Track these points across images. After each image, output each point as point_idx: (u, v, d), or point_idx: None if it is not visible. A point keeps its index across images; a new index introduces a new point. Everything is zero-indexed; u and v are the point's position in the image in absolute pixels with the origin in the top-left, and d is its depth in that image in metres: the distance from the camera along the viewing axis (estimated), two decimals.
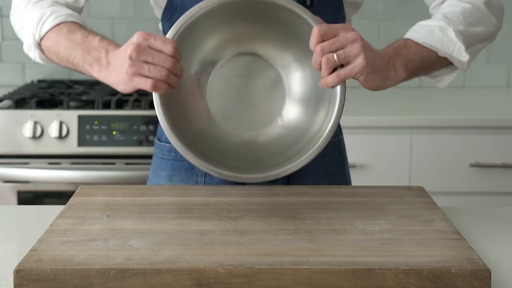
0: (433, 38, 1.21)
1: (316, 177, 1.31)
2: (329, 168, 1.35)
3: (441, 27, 1.22)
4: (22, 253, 1.02)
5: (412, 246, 0.94)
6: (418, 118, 2.28)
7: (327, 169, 1.34)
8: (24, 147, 2.22)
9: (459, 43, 1.22)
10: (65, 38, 1.18)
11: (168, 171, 1.34)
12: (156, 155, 1.39)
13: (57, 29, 1.20)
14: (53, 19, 1.21)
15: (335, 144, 1.37)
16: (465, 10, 1.26)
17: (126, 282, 0.86)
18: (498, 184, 2.29)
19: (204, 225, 1.02)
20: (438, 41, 1.21)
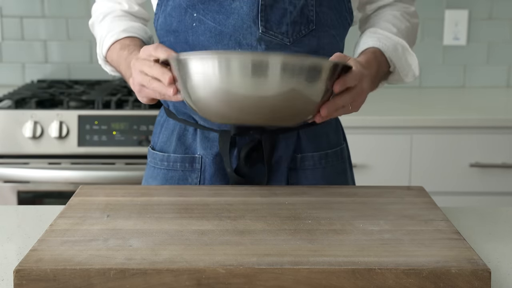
0: (396, 55, 1.27)
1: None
2: (330, 178, 1.34)
3: (403, 46, 1.29)
4: (22, 253, 1.02)
5: (412, 246, 0.94)
6: (418, 118, 2.29)
7: (327, 179, 1.33)
8: (24, 147, 2.23)
9: (412, 67, 1.30)
10: (117, 55, 1.29)
11: (160, 180, 1.34)
12: (149, 164, 1.39)
13: (113, 47, 1.30)
14: (109, 38, 1.31)
15: (337, 153, 1.36)
16: (407, 29, 1.33)
17: (126, 282, 0.86)
18: (498, 184, 2.29)
19: (204, 225, 1.02)
20: (399, 60, 1.28)
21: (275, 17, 1.21)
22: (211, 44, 1.22)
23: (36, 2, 2.76)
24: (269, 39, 1.21)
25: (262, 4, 1.20)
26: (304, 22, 1.22)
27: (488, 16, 2.73)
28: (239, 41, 1.21)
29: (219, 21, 1.21)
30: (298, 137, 1.30)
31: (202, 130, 1.29)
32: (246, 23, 1.20)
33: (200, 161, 1.30)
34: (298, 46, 1.23)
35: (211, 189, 1.20)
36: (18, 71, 2.81)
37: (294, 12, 1.21)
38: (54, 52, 2.81)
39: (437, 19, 2.74)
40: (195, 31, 1.23)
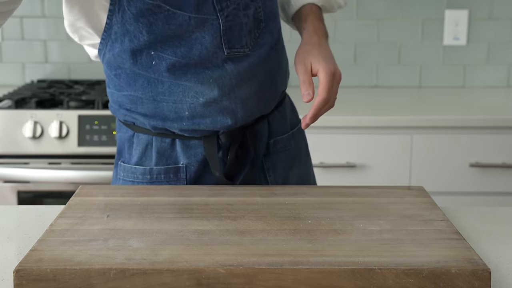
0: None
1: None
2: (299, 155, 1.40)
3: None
4: (22, 253, 1.02)
5: (412, 246, 0.94)
6: (418, 118, 2.28)
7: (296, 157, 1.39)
8: (24, 147, 2.22)
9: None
10: None
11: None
12: (124, 179, 1.32)
13: None
14: None
15: (300, 130, 1.43)
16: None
17: (126, 282, 0.86)
18: (498, 184, 2.29)
19: (204, 225, 1.02)
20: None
21: (235, 35, 1.21)
22: (179, 75, 1.20)
23: (36, 2, 2.75)
24: (233, 56, 1.22)
25: (223, 29, 1.19)
26: (256, 26, 1.24)
27: (488, 16, 2.73)
28: (205, 66, 1.20)
29: (181, 54, 1.18)
30: (269, 123, 1.34)
31: (182, 140, 1.27)
32: (211, 50, 1.19)
33: (184, 170, 1.28)
34: (257, 48, 1.25)
35: (211, 189, 1.20)
36: (18, 71, 2.81)
37: (248, 22, 1.23)
38: (54, 52, 2.81)
39: (437, 19, 2.74)
40: (157, 68, 1.19)
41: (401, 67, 2.77)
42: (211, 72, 1.20)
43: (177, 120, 1.24)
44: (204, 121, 1.23)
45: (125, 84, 1.24)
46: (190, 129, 1.25)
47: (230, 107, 1.23)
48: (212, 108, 1.23)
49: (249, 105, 1.25)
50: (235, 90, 1.23)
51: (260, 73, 1.26)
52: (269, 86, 1.29)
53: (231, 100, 1.23)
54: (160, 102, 1.22)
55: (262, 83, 1.27)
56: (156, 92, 1.22)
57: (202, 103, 1.22)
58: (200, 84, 1.21)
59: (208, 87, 1.21)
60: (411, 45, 2.76)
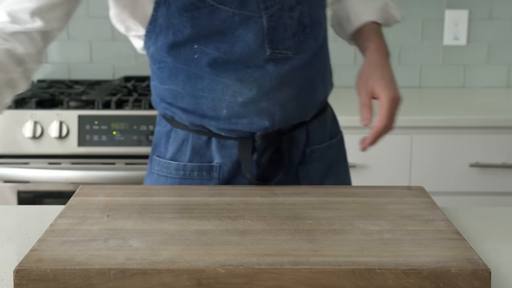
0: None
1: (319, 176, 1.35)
2: (334, 166, 1.38)
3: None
4: (22, 253, 1.02)
5: (412, 246, 0.94)
6: (418, 118, 2.28)
7: (333, 168, 1.36)
8: (24, 147, 2.22)
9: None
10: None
11: None
12: (157, 173, 1.33)
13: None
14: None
15: (339, 142, 1.41)
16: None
17: (126, 282, 0.86)
18: (498, 184, 2.28)
19: (204, 225, 1.02)
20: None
21: (278, 35, 1.21)
22: (219, 72, 1.21)
23: None
24: (275, 57, 1.22)
25: (267, 27, 1.20)
26: (301, 30, 1.24)
27: (488, 16, 2.73)
28: (246, 64, 1.21)
29: (223, 50, 1.19)
30: (307, 131, 1.32)
31: (218, 138, 1.27)
32: (253, 49, 1.20)
33: (218, 170, 1.28)
34: (300, 53, 1.24)
35: (211, 189, 1.20)
36: None
37: (293, 25, 1.22)
38: (54, 52, 2.80)
39: (437, 19, 2.74)
40: (198, 62, 1.21)
41: (401, 67, 2.77)
42: (251, 71, 1.21)
43: (214, 118, 1.24)
44: (241, 121, 1.23)
45: (167, 78, 1.25)
46: (227, 128, 1.25)
47: (268, 109, 1.23)
48: (250, 108, 1.22)
49: (288, 108, 1.24)
50: (274, 92, 1.22)
51: (301, 78, 1.25)
52: (309, 93, 1.28)
53: (270, 101, 1.23)
54: (199, 99, 1.23)
55: (302, 88, 1.26)
56: (196, 88, 1.23)
57: (241, 102, 1.22)
58: (240, 83, 1.21)
59: (247, 86, 1.21)
60: (411, 45, 2.76)
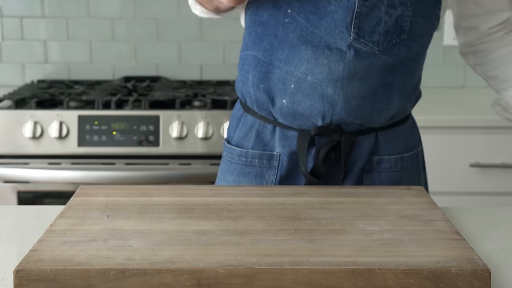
0: None
1: None
2: (404, 181, 1.34)
3: None
4: (22, 253, 1.02)
5: (412, 246, 0.94)
6: (418, 118, 2.28)
7: (401, 183, 1.33)
8: (24, 147, 2.23)
9: None
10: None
11: (237, 175, 1.34)
12: (224, 158, 1.39)
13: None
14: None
15: (413, 157, 1.37)
16: None
17: (126, 282, 0.86)
18: (498, 184, 2.29)
19: (204, 225, 1.02)
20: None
21: (368, 25, 1.20)
22: (300, 43, 1.23)
23: (36, 2, 2.76)
24: (359, 46, 1.21)
25: (357, 11, 1.20)
26: (397, 32, 1.22)
27: None
28: (328, 44, 1.21)
29: (312, 21, 1.21)
30: (376, 138, 1.30)
31: (281, 128, 1.30)
32: (338, 27, 1.20)
33: (278, 159, 1.30)
34: (387, 54, 1.23)
35: (211, 189, 1.20)
36: (18, 71, 2.81)
37: (389, 22, 1.21)
38: (54, 52, 2.81)
39: None
40: (286, 27, 1.23)
41: None
42: (329, 53, 1.21)
43: (280, 93, 1.26)
44: (304, 102, 1.24)
45: (252, 43, 1.29)
46: (289, 111, 1.26)
47: (333, 97, 1.23)
48: (315, 90, 1.23)
49: (352, 104, 1.24)
50: (344, 82, 1.22)
51: (377, 80, 1.24)
52: (381, 98, 1.26)
53: (336, 89, 1.23)
54: (274, 68, 1.26)
55: (375, 90, 1.25)
56: (275, 57, 1.25)
57: (309, 81, 1.23)
58: (314, 61, 1.22)
59: (320, 66, 1.22)
60: None
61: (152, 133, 2.22)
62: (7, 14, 2.77)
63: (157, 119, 2.23)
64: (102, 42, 2.79)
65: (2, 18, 2.77)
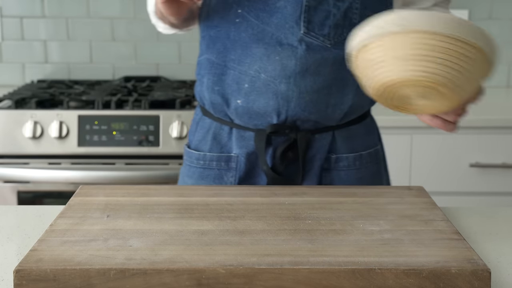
0: None
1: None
2: (364, 179, 1.34)
3: None
4: (22, 253, 1.02)
5: (412, 246, 0.94)
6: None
7: (361, 181, 1.33)
8: (24, 147, 2.23)
9: None
10: None
11: (196, 179, 1.35)
12: (185, 162, 1.40)
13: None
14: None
15: (372, 155, 1.36)
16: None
17: (126, 282, 0.86)
18: (498, 184, 2.29)
19: (204, 225, 1.02)
20: None
21: (318, 18, 1.21)
22: (253, 41, 1.24)
23: (36, 2, 2.76)
24: (310, 40, 1.22)
25: (306, 5, 1.21)
26: (346, 25, 1.23)
27: (488, 16, 2.73)
28: (280, 40, 1.22)
29: (262, 18, 1.23)
30: (333, 137, 1.31)
31: (238, 129, 1.30)
32: (288, 22, 1.22)
33: (236, 160, 1.31)
34: (338, 48, 1.23)
35: (211, 189, 1.20)
36: (18, 71, 2.81)
37: (337, 15, 1.22)
38: (54, 52, 2.81)
39: None
40: (238, 27, 1.24)
41: None
42: (281, 49, 1.22)
43: (235, 94, 1.26)
44: (258, 100, 1.25)
45: (206, 47, 1.30)
46: (244, 111, 1.26)
47: (286, 93, 1.24)
48: (269, 87, 1.24)
49: (307, 99, 1.24)
50: (296, 77, 1.23)
51: (330, 74, 1.24)
52: (336, 92, 1.26)
53: (289, 85, 1.23)
54: (228, 69, 1.27)
55: (329, 84, 1.25)
56: (228, 59, 1.26)
57: (263, 79, 1.24)
58: (266, 58, 1.23)
59: (272, 63, 1.23)
60: None
61: (152, 133, 2.22)
62: (7, 14, 2.77)
63: (157, 119, 2.23)
64: (102, 42, 2.79)
65: (2, 18, 2.77)
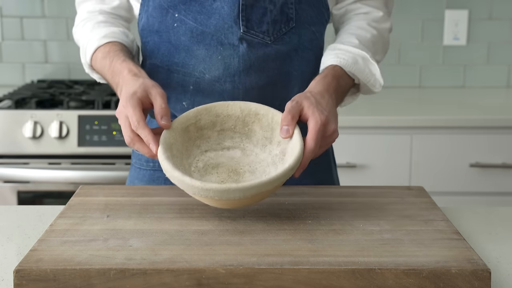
0: (357, 68, 1.24)
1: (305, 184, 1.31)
2: (318, 173, 1.35)
3: (363, 58, 1.25)
4: (22, 253, 1.02)
5: (412, 246, 0.94)
6: (418, 118, 2.28)
7: (315, 175, 1.34)
8: (24, 147, 2.23)
9: (377, 75, 1.26)
10: (100, 64, 1.26)
11: (147, 182, 1.35)
12: (133, 165, 1.40)
13: (95, 55, 1.27)
14: (90, 46, 1.27)
15: None
16: (373, 38, 1.31)
17: (126, 282, 0.86)
18: (498, 184, 2.29)
19: (204, 225, 1.02)
20: (361, 71, 1.25)
21: (255, 16, 1.23)
22: (193, 44, 1.24)
23: (36, 2, 2.76)
24: (250, 38, 1.23)
25: (242, 4, 1.22)
26: (284, 20, 1.24)
27: (488, 16, 2.73)
28: (220, 41, 1.23)
29: (200, 21, 1.23)
30: None
31: None
32: (227, 23, 1.22)
33: None
34: (279, 44, 1.25)
35: None
36: (18, 71, 2.81)
37: (274, 11, 1.23)
38: (54, 52, 2.81)
39: (437, 19, 2.74)
40: (177, 31, 1.25)
41: (401, 67, 2.77)
42: (222, 48, 1.23)
43: (180, 97, 1.26)
44: (204, 101, 1.24)
45: (150, 53, 1.30)
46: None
47: (232, 91, 1.24)
48: (215, 88, 1.24)
49: (253, 96, 1.24)
50: (241, 75, 1.24)
51: (274, 69, 1.26)
52: (282, 87, 1.28)
53: (234, 84, 1.24)
54: (172, 73, 1.27)
55: (274, 80, 1.26)
56: (172, 62, 1.26)
57: (207, 80, 1.24)
58: (209, 59, 1.23)
59: (216, 63, 1.23)
60: (411, 45, 2.76)
61: None
62: (7, 14, 2.77)
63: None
64: None
65: (2, 18, 2.77)
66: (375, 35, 1.31)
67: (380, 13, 1.34)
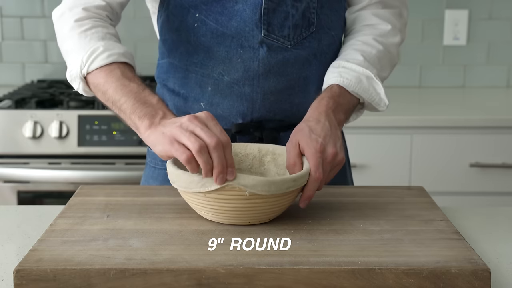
0: (361, 87, 1.22)
1: None
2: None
3: (368, 76, 1.23)
4: (22, 253, 1.02)
5: (412, 246, 0.94)
6: (418, 118, 2.28)
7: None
8: (24, 147, 2.22)
9: (381, 95, 1.24)
10: (117, 81, 1.13)
11: (161, 181, 1.34)
12: (148, 164, 1.39)
13: (107, 68, 1.15)
14: (105, 57, 1.15)
15: None
16: (379, 53, 1.28)
17: (126, 282, 0.86)
18: (498, 184, 2.29)
19: (204, 225, 1.02)
20: (365, 90, 1.23)
21: (277, 20, 1.22)
22: (213, 45, 1.23)
23: (36, 2, 2.75)
24: (271, 42, 1.23)
25: (265, 7, 1.21)
26: (305, 25, 1.24)
27: (488, 16, 2.73)
28: (241, 43, 1.22)
29: (221, 22, 1.22)
30: None
31: None
32: (248, 26, 1.22)
33: None
34: (299, 48, 1.24)
35: None
36: (18, 71, 2.81)
37: (296, 15, 1.23)
38: (54, 52, 2.81)
39: (437, 19, 2.74)
40: (197, 32, 1.24)
41: (401, 67, 2.77)
42: (242, 51, 1.22)
43: (198, 97, 1.26)
44: (223, 103, 1.24)
45: (168, 51, 1.29)
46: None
47: (251, 95, 1.24)
48: (233, 90, 1.24)
49: (271, 100, 1.25)
50: (260, 79, 1.23)
51: (292, 74, 1.25)
52: (300, 92, 1.27)
53: (253, 87, 1.24)
54: (191, 73, 1.26)
55: (292, 84, 1.26)
56: (191, 62, 1.26)
57: (226, 82, 1.24)
58: (229, 61, 1.23)
59: (235, 66, 1.23)
60: (411, 45, 2.76)
61: None
62: (7, 14, 2.77)
63: None
64: None
65: (2, 18, 2.77)
66: (381, 51, 1.28)
67: (388, 27, 1.30)
